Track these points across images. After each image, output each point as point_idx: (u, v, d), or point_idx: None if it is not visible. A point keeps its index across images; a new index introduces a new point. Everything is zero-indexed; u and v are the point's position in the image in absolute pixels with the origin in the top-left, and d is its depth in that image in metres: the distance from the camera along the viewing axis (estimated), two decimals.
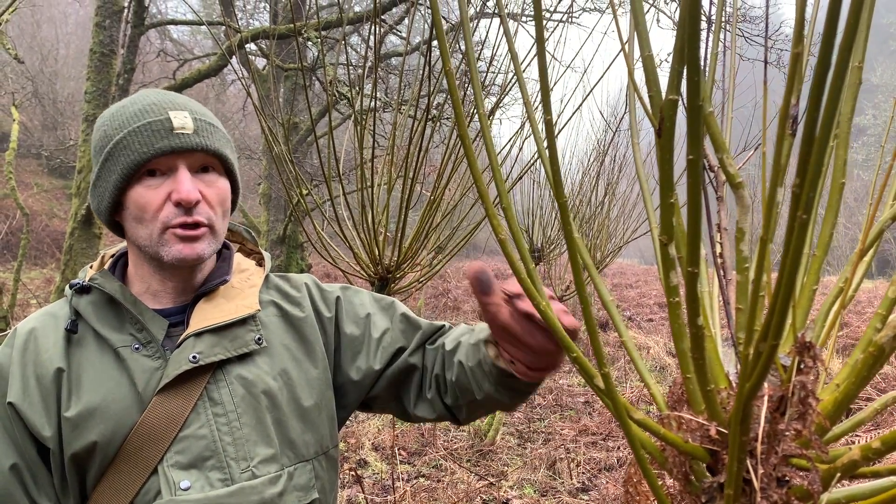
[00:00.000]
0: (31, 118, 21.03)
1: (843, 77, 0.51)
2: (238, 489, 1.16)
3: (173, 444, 1.16)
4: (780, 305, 0.58)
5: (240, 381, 1.23)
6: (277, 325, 1.33)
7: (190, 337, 1.21)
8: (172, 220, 1.18)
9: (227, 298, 1.28)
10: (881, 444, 0.68)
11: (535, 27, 0.68)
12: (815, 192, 0.53)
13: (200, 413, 1.18)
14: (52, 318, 1.24)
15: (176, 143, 1.17)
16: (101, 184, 1.22)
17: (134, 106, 1.20)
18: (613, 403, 0.78)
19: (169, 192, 1.18)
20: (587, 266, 0.94)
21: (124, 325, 1.22)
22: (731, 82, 1.21)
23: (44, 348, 1.19)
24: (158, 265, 1.24)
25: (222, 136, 1.26)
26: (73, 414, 1.14)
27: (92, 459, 1.15)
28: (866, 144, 31.86)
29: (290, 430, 1.26)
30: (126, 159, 1.17)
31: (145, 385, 1.17)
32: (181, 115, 1.19)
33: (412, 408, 1.39)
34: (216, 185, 1.24)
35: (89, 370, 1.18)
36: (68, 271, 8.17)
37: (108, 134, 1.20)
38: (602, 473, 5.48)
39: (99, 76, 8.16)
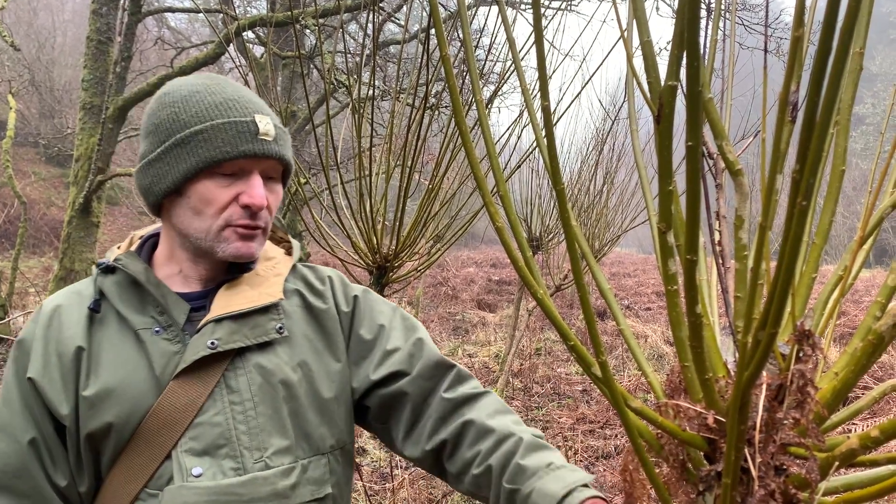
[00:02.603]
0: (28, 106, 20.95)
1: (844, 61, 0.50)
2: (250, 479, 1.15)
3: (188, 429, 1.15)
4: (780, 293, 0.57)
5: (258, 369, 1.22)
6: (300, 315, 1.32)
7: (210, 323, 1.20)
8: (237, 220, 1.19)
9: (251, 286, 1.28)
10: (879, 433, 0.68)
11: (533, 10, 0.67)
12: (815, 179, 0.53)
13: (217, 400, 1.18)
14: (78, 296, 1.24)
15: (259, 149, 1.18)
16: (163, 166, 1.20)
17: (214, 96, 1.20)
18: (611, 392, 0.77)
19: (238, 193, 1.19)
20: (585, 254, 0.93)
21: (146, 307, 1.22)
22: (730, 69, 1.20)
23: (66, 326, 1.19)
24: (201, 254, 1.25)
25: (289, 142, 1.28)
26: (91, 393, 1.15)
27: (107, 440, 1.15)
28: (865, 133, 31.82)
29: (307, 422, 1.25)
30: (206, 153, 1.17)
31: (163, 369, 1.18)
32: (265, 121, 1.20)
33: (399, 442, 1.36)
34: (276, 192, 1.26)
35: (109, 350, 1.19)
36: (66, 260, 8.16)
37: (181, 119, 1.19)
38: (600, 461, 5.50)
39: (96, 64, 8.12)
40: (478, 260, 21.63)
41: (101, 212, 8.47)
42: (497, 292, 15.41)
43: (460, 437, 1.28)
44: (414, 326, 1.42)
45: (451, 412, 1.31)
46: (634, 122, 1.02)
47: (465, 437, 1.27)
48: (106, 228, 20.16)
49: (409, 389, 1.33)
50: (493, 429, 1.25)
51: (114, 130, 8.07)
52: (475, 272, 18.09)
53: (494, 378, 7.97)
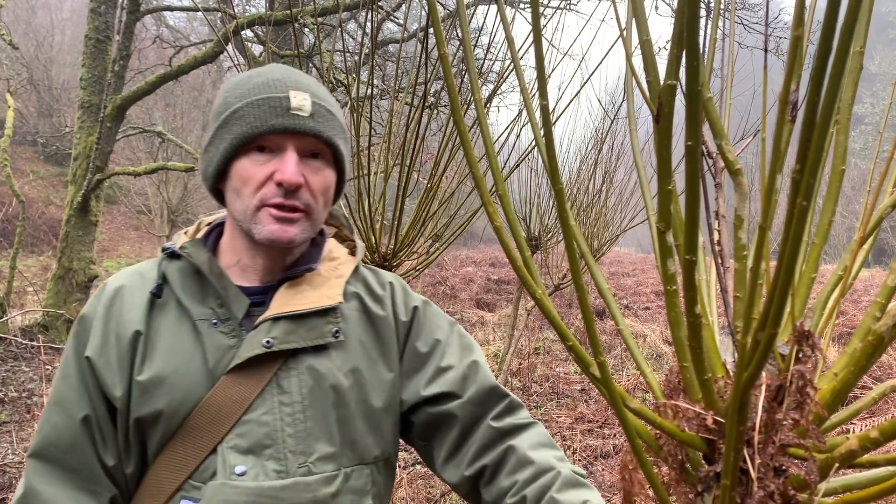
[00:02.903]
0: (26, 105, 20.94)
1: (844, 61, 0.49)
2: (292, 483, 1.14)
3: (235, 426, 1.15)
4: (779, 294, 0.57)
5: (310, 372, 1.20)
6: (357, 320, 1.30)
7: (267, 321, 1.19)
8: (270, 198, 1.17)
9: (313, 286, 1.26)
10: (879, 434, 0.67)
11: (532, 9, 0.67)
12: (815, 179, 0.52)
13: (267, 399, 1.17)
14: (140, 279, 1.24)
15: (289, 123, 1.16)
16: (211, 149, 1.21)
17: (259, 77, 1.19)
18: (609, 392, 0.77)
19: (273, 171, 1.17)
20: (584, 254, 0.93)
21: (206, 297, 1.22)
22: (729, 69, 1.19)
23: (127, 308, 1.20)
24: (251, 241, 1.23)
25: (338, 125, 1.24)
26: (144, 379, 1.15)
27: (155, 428, 1.16)
28: (864, 133, 31.83)
29: (354, 430, 1.23)
30: (238, 129, 1.16)
31: (217, 362, 1.17)
32: (301, 96, 1.18)
33: (439, 464, 1.33)
34: (322, 174, 1.22)
35: (166, 337, 1.19)
36: (64, 259, 8.15)
37: (227, 101, 1.19)
38: (598, 461, 5.50)
39: (94, 63, 8.11)
40: (476, 259, 21.62)
41: (100, 210, 8.46)
42: (496, 292, 15.41)
43: (500, 465, 1.26)
44: (470, 346, 1.38)
45: (496, 440, 1.28)
46: (633, 122, 1.02)
47: (505, 466, 1.25)
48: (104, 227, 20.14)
49: (459, 413, 1.30)
50: (534, 461, 1.22)
51: (112, 129, 8.06)
52: (474, 271, 18.08)
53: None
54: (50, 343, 7.72)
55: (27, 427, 5.56)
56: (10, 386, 6.58)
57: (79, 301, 8.27)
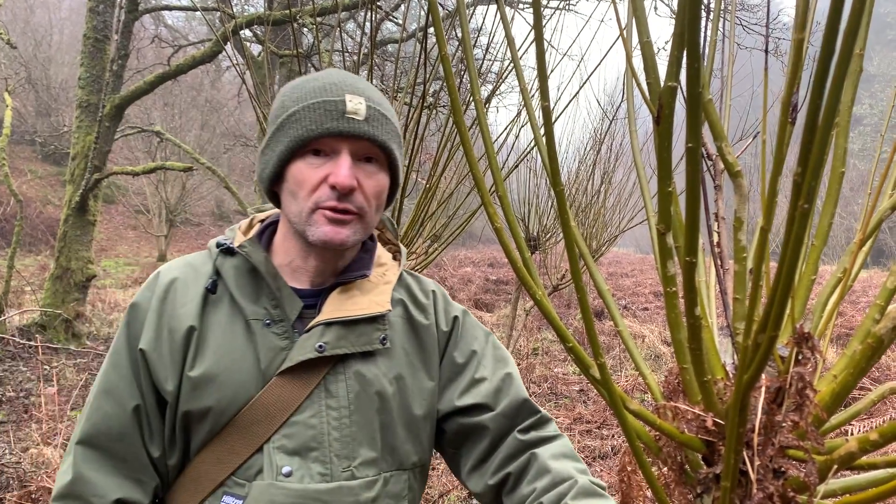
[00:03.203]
0: (24, 104, 20.91)
1: (846, 65, 0.49)
2: (336, 487, 1.16)
3: (283, 426, 1.17)
4: (780, 297, 0.57)
5: (357, 377, 1.22)
6: (401, 327, 1.31)
7: (319, 325, 1.20)
8: (325, 201, 1.18)
9: (363, 292, 1.27)
10: (879, 437, 0.67)
11: (534, 11, 0.67)
12: (817, 182, 0.52)
13: (315, 402, 1.19)
14: (194, 272, 1.25)
15: (344, 127, 1.17)
16: (268, 152, 1.23)
17: (316, 82, 1.21)
18: (609, 393, 0.77)
19: (327, 174, 1.18)
20: (583, 255, 0.93)
21: (260, 297, 1.22)
22: (729, 70, 1.19)
23: (181, 302, 1.20)
24: (305, 242, 1.24)
25: (393, 129, 1.24)
26: (196, 375, 1.16)
27: (202, 423, 1.17)
28: (862, 134, 31.85)
29: (395, 436, 1.25)
30: (294, 133, 1.18)
31: (269, 363, 1.18)
32: (356, 100, 1.19)
33: (465, 473, 1.35)
34: (375, 177, 1.22)
35: (218, 335, 1.19)
36: (62, 258, 8.14)
37: (285, 105, 1.21)
38: (597, 462, 5.50)
39: (93, 62, 8.10)
40: (475, 259, 21.62)
41: (98, 210, 8.45)
42: (494, 292, 15.41)
43: (522, 474, 1.28)
44: (504, 359, 1.40)
45: (521, 451, 1.30)
46: (633, 123, 1.02)
47: (527, 475, 1.27)
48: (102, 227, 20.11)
49: (491, 425, 1.31)
50: (552, 469, 1.24)
51: (110, 128, 8.05)
52: (472, 272, 18.09)
53: None
54: (47, 343, 7.71)
55: (24, 427, 5.55)
56: (7, 386, 6.57)
57: (76, 301, 8.26)
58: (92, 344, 8.31)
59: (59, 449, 4.82)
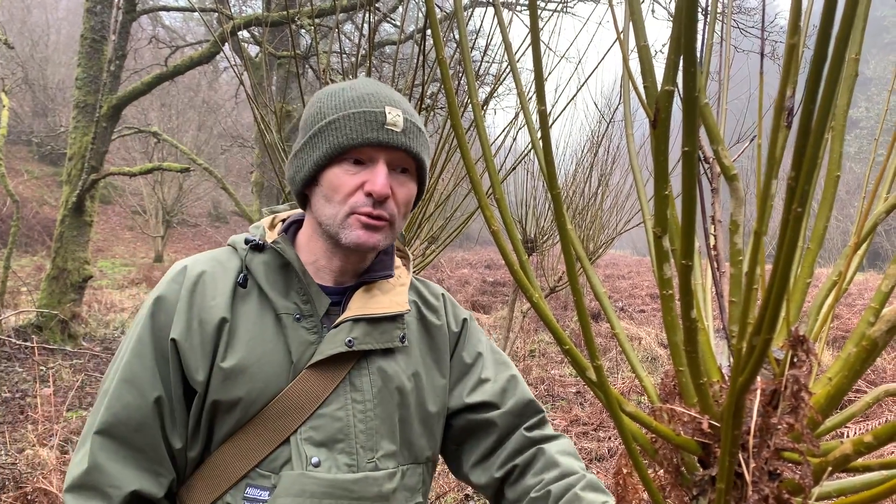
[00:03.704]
0: (21, 104, 20.88)
1: (839, 70, 0.50)
2: (363, 477, 1.20)
3: (310, 419, 1.20)
4: (775, 300, 0.57)
5: (380, 373, 1.27)
6: (416, 327, 1.38)
7: (348, 321, 1.25)
8: (360, 207, 1.22)
9: (383, 292, 1.32)
10: (873, 439, 0.68)
11: (531, 17, 0.67)
12: (810, 185, 0.53)
13: (341, 395, 1.23)
14: (221, 266, 1.27)
15: (384, 138, 1.21)
16: (304, 155, 1.26)
17: (354, 91, 1.25)
18: (606, 396, 0.77)
19: (364, 181, 1.22)
20: (580, 258, 0.93)
21: (290, 292, 1.26)
22: (725, 73, 1.20)
23: (211, 294, 1.23)
24: (334, 244, 1.28)
25: (425, 141, 1.30)
26: (228, 366, 1.18)
27: (230, 414, 1.19)
28: (858, 137, 31.95)
29: (412, 431, 1.30)
30: (335, 140, 1.21)
31: (300, 356, 1.22)
32: (395, 112, 1.23)
33: (468, 466, 1.41)
34: (407, 186, 1.28)
35: (249, 327, 1.22)
36: (59, 258, 8.13)
37: (322, 112, 1.25)
38: (593, 464, 5.50)
39: (90, 62, 8.09)
40: (472, 261, 21.64)
41: (94, 211, 8.44)
42: (491, 294, 15.42)
43: (528, 466, 1.35)
44: (505, 363, 1.47)
45: (528, 446, 1.37)
46: (630, 126, 1.03)
47: (533, 467, 1.34)
48: (99, 227, 20.08)
49: (499, 422, 1.38)
50: (560, 464, 1.32)
51: (107, 129, 8.05)
52: (469, 273, 18.10)
53: None
54: (44, 343, 7.70)
55: (20, 428, 5.53)
56: (3, 386, 6.56)
57: (73, 301, 8.25)
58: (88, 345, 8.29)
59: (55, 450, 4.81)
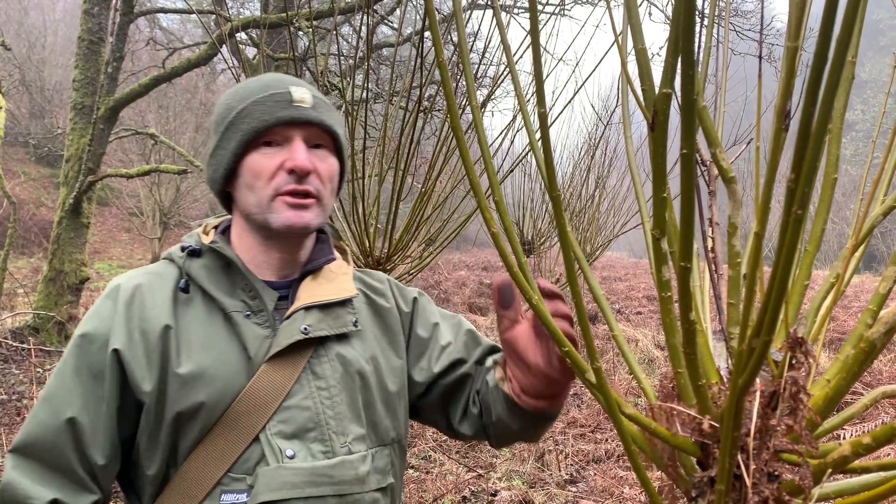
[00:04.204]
0: (18, 106, 20.84)
1: (839, 72, 0.50)
2: (339, 462, 1.20)
3: (277, 413, 1.19)
4: (774, 302, 0.57)
5: (339, 358, 1.27)
6: (366, 312, 1.38)
7: (300, 310, 1.25)
8: (284, 186, 1.22)
9: (328, 280, 1.33)
10: (872, 440, 0.68)
11: (531, 22, 0.68)
12: (810, 188, 0.53)
13: (304, 385, 1.22)
14: (158, 277, 1.26)
15: (295, 114, 1.22)
16: (220, 152, 1.26)
17: (258, 82, 1.27)
18: (605, 398, 0.78)
19: (283, 161, 1.22)
20: (579, 260, 0.94)
21: (236, 290, 1.25)
22: (723, 76, 1.20)
23: (150, 304, 1.21)
24: (266, 235, 1.28)
25: (337, 116, 1.31)
26: (185, 371, 1.16)
27: (195, 421, 1.16)
28: (855, 139, 32.00)
29: (376, 413, 1.31)
30: (247, 126, 1.22)
31: (256, 351, 1.21)
32: (301, 90, 1.25)
33: (457, 423, 1.42)
34: (327, 161, 1.28)
35: (199, 331, 1.20)
36: (55, 261, 8.11)
37: (230, 105, 1.26)
38: (590, 465, 5.50)
39: (87, 64, 8.08)
40: (469, 263, 21.63)
41: (91, 213, 8.43)
42: (489, 295, 15.40)
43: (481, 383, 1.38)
44: (459, 322, 1.49)
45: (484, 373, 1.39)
46: (629, 129, 1.03)
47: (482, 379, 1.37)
48: (96, 229, 20.04)
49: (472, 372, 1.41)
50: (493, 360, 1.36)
51: (105, 131, 8.04)
52: (467, 275, 18.09)
53: None
54: (40, 345, 7.68)
55: (16, 430, 5.52)
56: None
57: (70, 303, 8.23)
58: None
59: None
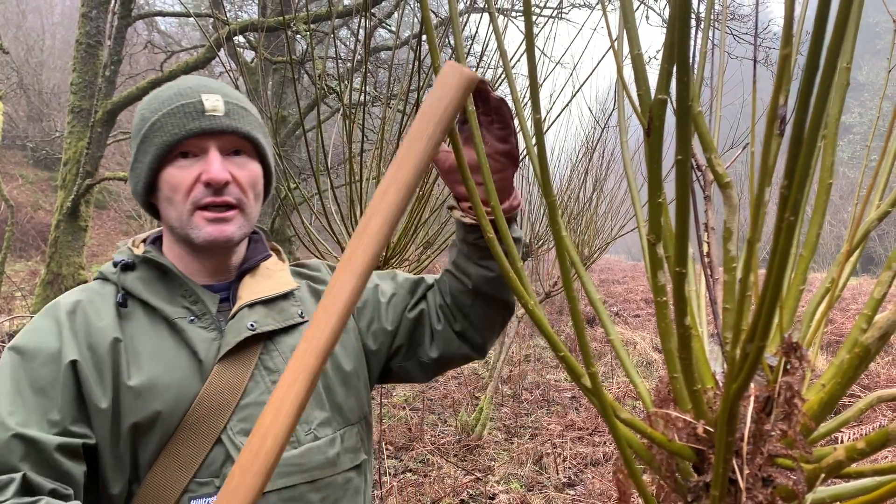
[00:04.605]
0: (16, 109, 20.81)
1: (831, 79, 0.50)
2: (306, 450, 1.21)
3: (235, 412, 1.19)
4: (768, 308, 0.58)
5: (291, 350, 1.27)
6: (310, 300, 1.39)
7: (244, 308, 1.25)
8: (202, 199, 1.20)
9: (266, 277, 1.33)
10: (866, 445, 0.68)
11: (525, 29, 0.68)
12: (803, 194, 0.53)
13: (258, 381, 1.22)
14: (96, 293, 1.24)
15: (206, 125, 1.20)
16: (138, 165, 1.24)
17: (170, 90, 1.24)
18: (600, 402, 0.78)
19: (199, 173, 1.20)
20: (574, 264, 0.94)
21: (176, 298, 1.24)
22: (719, 81, 1.21)
23: (95, 319, 1.18)
24: (191, 247, 1.26)
25: (254, 119, 1.28)
26: (137, 383, 1.14)
27: (152, 432, 1.15)
28: (852, 142, 32.06)
29: (337, 395, 1.31)
30: (159, 140, 1.19)
31: (205, 355, 1.20)
32: (213, 98, 1.22)
33: (429, 351, 1.43)
34: (247, 168, 1.26)
35: (146, 342, 1.19)
36: (53, 264, 8.10)
37: (144, 117, 1.23)
38: (588, 468, 5.50)
39: (85, 67, 8.07)
40: None
41: (90, 216, 8.42)
42: None
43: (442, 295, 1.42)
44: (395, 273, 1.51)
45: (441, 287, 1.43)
46: (624, 134, 1.03)
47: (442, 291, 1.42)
48: (94, 232, 20.02)
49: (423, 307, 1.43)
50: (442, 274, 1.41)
51: (102, 134, 8.03)
52: None
53: (484, 384, 7.96)
54: None
55: None
56: None
57: None
58: None
59: None
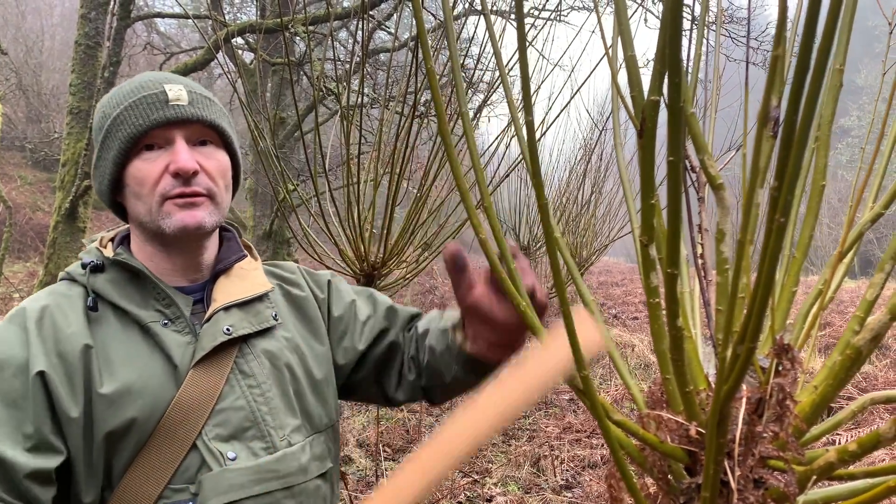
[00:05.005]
0: (15, 110, 20.81)
1: (821, 80, 0.51)
2: (282, 455, 1.19)
3: (211, 417, 1.16)
4: (758, 309, 0.58)
5: (266, 354, 1.25)
6: (284, 304, 1.37)
7: (219, 311, 1.22)
8: (171, 190, 1.17)
9: (241, 278, 1.31)
10: (858, 447, 0.68)
11: (517, 28, 0.68)
12: (793, 196, 0.53)
13: (234, 386, 1.20)
14: (64, 297, 1.19)
15: (171, 114, 1.17)
16: (101, 163, 1.22)
17: (131, 84, 1.21)
18: (592, 404, 0.78)
19: (167, 164, 1.17)
20: (569, 268, 0.94)
21: (148, 301, 1.20)
22: (714, 83, 1.21)
23: (64, 325, 1.13)
24: (162, 242, 1.23)
25: (218, 109, 1.26)
26: (110, 390, 1.10)
27: (127, 439, 1.11)
28: (850, 145, 32.06)
29: (308, 402, 1.30)
30: (123, 133, 1.17)
31: (180, 359, 1.17)
32: (176, 88, 1.19)
33: (393, 391, 1.43)
34: (215, 157, 1.23)
35: (117, 347, 1.15)
36: (52, 265, 8.09)
37: (106, 113, 1.21)
38: (586, 471, 5.50)
39: (84, 68, 8.07)
40: None
41: (88, 217, 8.41)
42: None
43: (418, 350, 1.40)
44: (373, 295, 1.50)
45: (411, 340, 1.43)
46: (619, 137, 1.03)
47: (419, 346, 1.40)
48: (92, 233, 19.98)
49: (398, 339, 1.43)
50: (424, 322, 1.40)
51: None
52: None
53: None
54: None
55: None
56: None
57: None
58: None
59: None
